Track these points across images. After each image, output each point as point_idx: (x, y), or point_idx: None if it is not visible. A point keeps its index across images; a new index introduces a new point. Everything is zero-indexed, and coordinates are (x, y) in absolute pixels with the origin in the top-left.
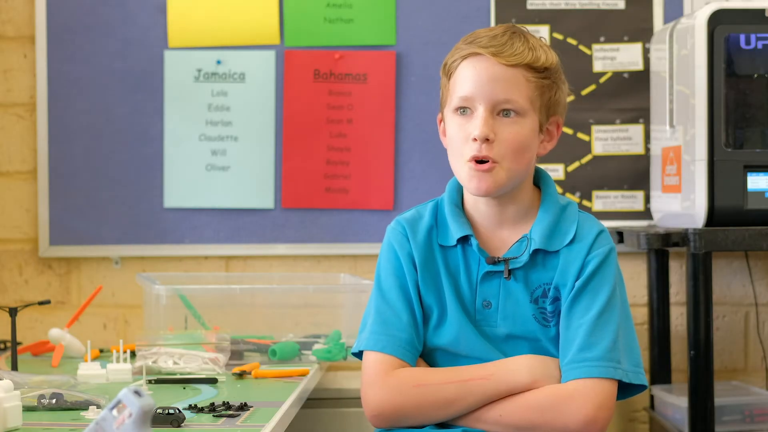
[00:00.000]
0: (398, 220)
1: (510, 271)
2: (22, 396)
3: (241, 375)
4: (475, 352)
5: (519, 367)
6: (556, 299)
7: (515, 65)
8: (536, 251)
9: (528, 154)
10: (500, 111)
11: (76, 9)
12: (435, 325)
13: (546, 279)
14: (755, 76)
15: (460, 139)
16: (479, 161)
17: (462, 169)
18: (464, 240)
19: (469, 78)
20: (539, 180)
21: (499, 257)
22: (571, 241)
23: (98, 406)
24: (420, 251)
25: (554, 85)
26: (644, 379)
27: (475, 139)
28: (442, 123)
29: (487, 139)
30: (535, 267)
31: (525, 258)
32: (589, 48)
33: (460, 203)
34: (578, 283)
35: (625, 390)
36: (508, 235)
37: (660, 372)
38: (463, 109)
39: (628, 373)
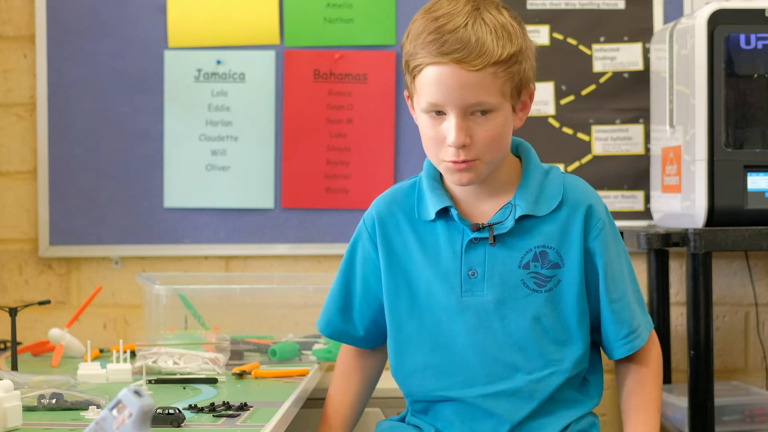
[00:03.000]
0: (372, 207)
1: (495, 238)
2: (22, 396)
3: (241, 375)
4: (454, 330)
5: None
6: (556, 265)
7: (483, 68)
8: (523, 217)
9: (506, 139)
10: (473, 112)
11: (76, 9)
12: (409, 307)
13: (537, 243)
14: (755, 76)
15: (433, 139)
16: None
17: (439, 165)
18: (444, 213)
19: (436, 86)
20: (519, 149)
21: (483, 223)
22: (560, 205)
23: (98, 406)
24: (388, 238)
25: (522, 63)
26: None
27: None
28: (410, 99)
29: (464, 145)
30: (523, 233)
31: (510, 223)
32: (589, 48)
33: (438, 177)
34: (601, 264)
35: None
36: (491, 206)
37: None
38: (434, 111)
39: (649, 322)
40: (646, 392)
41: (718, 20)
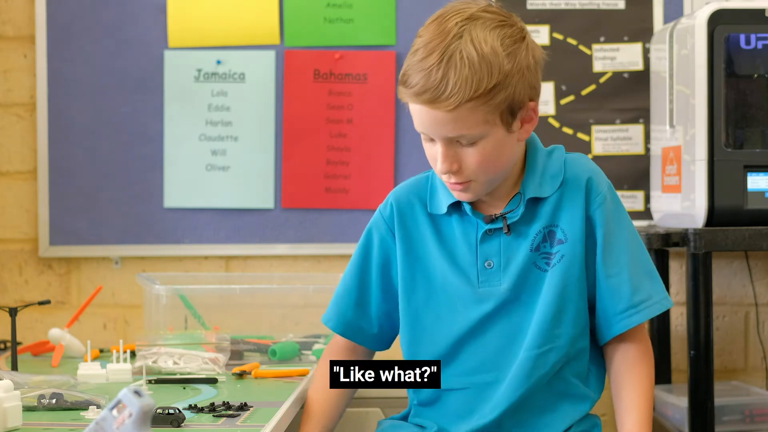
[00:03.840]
0: (391, 196)
1: (509, 227)
2: (22, 396)
3: (241, 375)
4: (467, 320)
5: None
6: (560, 242)
7: (456, 107)
8: (530, 201)
9: (502, 158)
10: (458, 140)
11: (76, 9)
12: (425, 298)
13: (544, 223)
14: (755, 76)
15: (430, 157)
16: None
17: (440, 177)
18: (457, 206)
19: (417, 118)
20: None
21: (496, 214)
22: (563, 183)
23: (98, 406)
24: (406, 227)
25: (508, 88)
26: (670, 300)
27: None
28: None
29: (452, 171)
30: (531, 216)
31: (521, 210)
32: (589, 48)
33: None
34: (600, 235)
35: None
36: (502, 198)
37: (660, 372)
38: (425, 135)
39: (663, 300)
40: (644, 379)
41: (718, 20)
